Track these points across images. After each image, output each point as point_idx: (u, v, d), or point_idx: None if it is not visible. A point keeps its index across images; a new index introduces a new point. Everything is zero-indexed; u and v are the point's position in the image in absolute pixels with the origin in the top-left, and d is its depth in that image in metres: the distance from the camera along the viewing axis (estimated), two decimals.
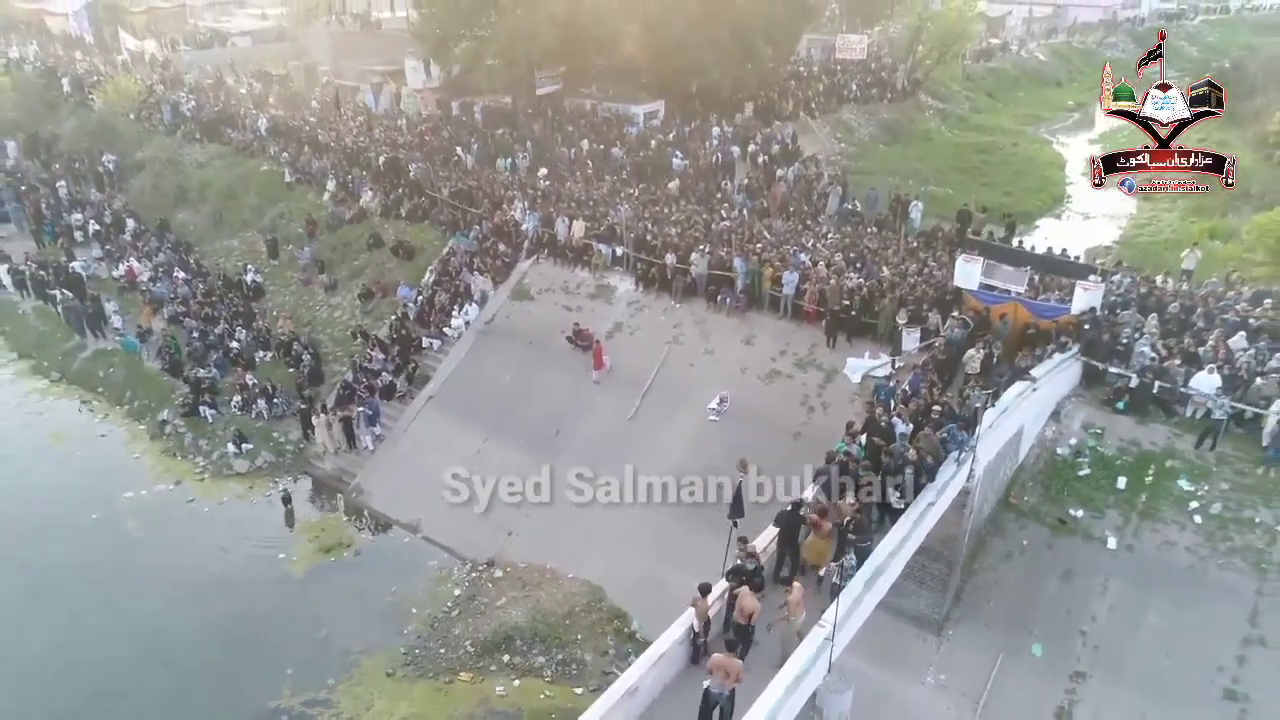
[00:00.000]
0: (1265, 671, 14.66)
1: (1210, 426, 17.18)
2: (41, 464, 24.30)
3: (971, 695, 15.71)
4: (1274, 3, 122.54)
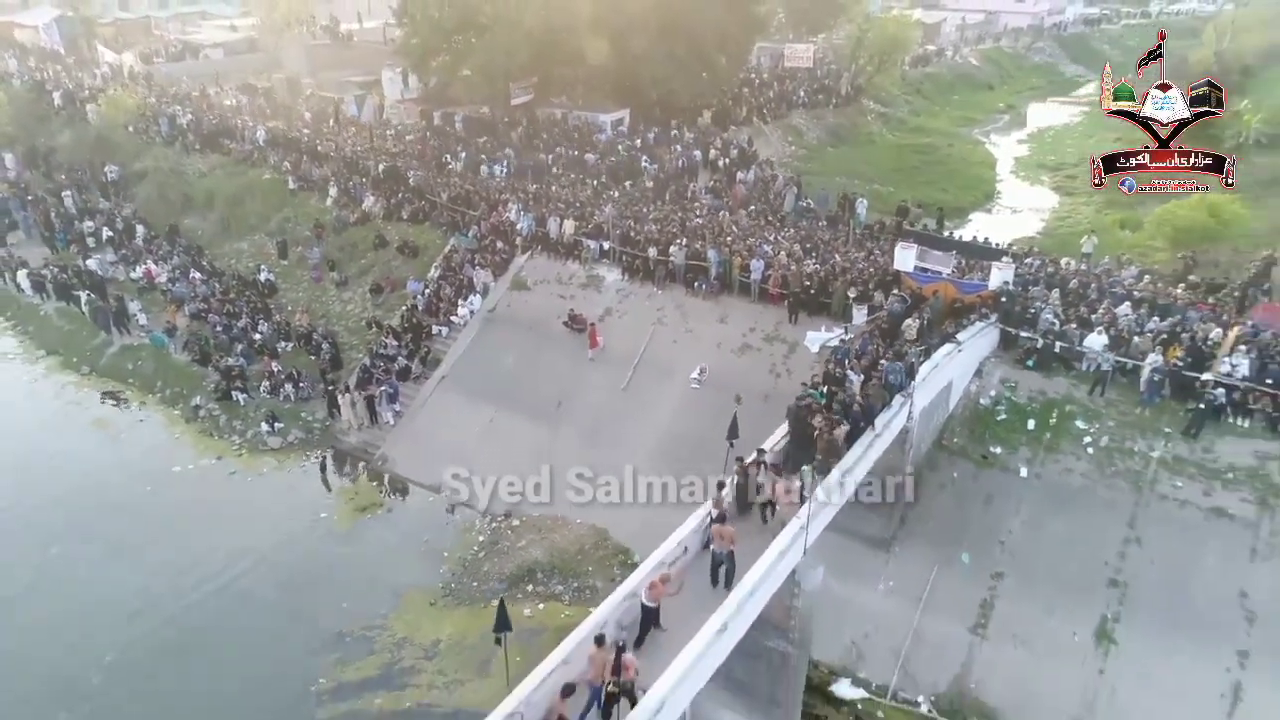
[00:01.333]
0: (1139, 564, 18.66)
1: (1099, 377, 21.24)
2: (90, 446, 26.97)
3: (914, 596, 19.49)
4: (1190, 7, 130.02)
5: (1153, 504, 19.41)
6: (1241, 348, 20.36)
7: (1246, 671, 16.96)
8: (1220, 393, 19.98)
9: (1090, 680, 17.65)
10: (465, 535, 23.15)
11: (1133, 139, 47.55)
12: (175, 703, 18.09)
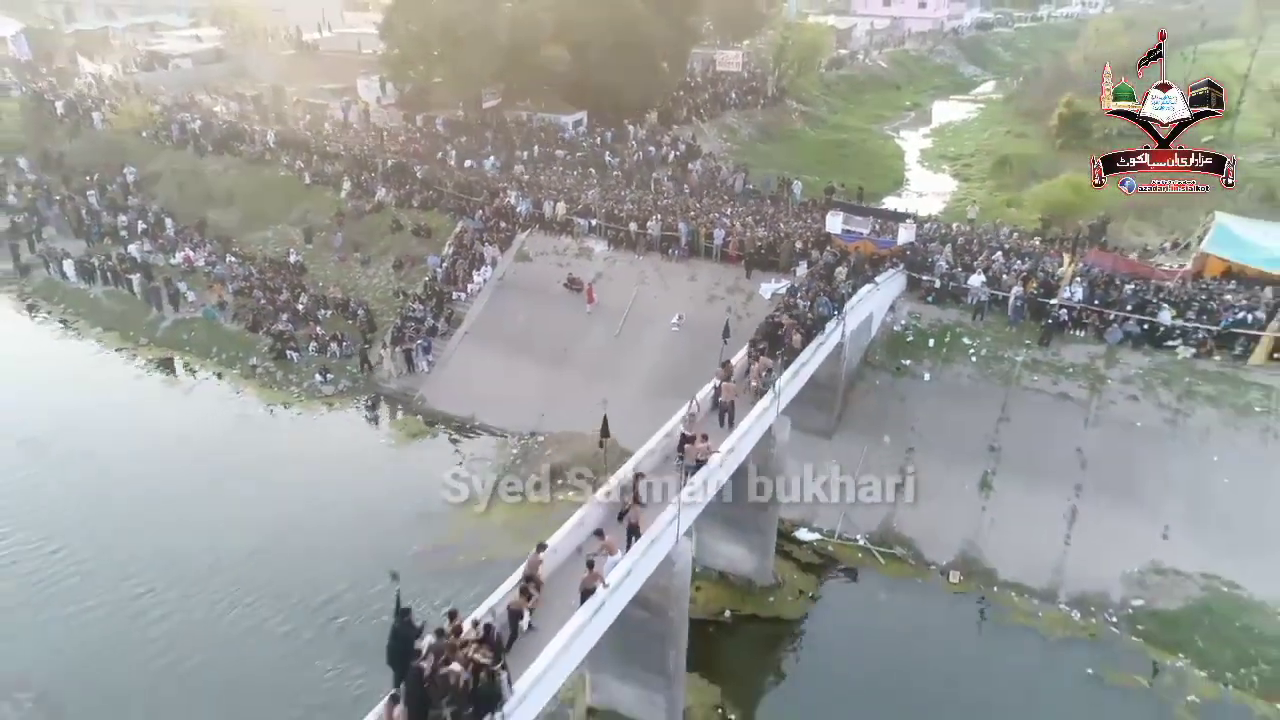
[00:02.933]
0: (1009, 435, 25.90)
1: (979, 307, 28.57)
2: (166, 402, 32.18)
3: (850, 469, 26.34)
4: (1076, 10, 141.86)
5: (1018, 393, 26.78)
6: (1078, 280, 27.90)
7: (1080, 499, 24.29)
8: (1063, 313, 27.48)
9: (976, 515, 24.77)
10: (501, 450, 29.20)
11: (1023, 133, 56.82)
12: (315, 562, 23.54)
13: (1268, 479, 23.75)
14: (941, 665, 21.16)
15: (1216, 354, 26.18)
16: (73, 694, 19.47)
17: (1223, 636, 21.10)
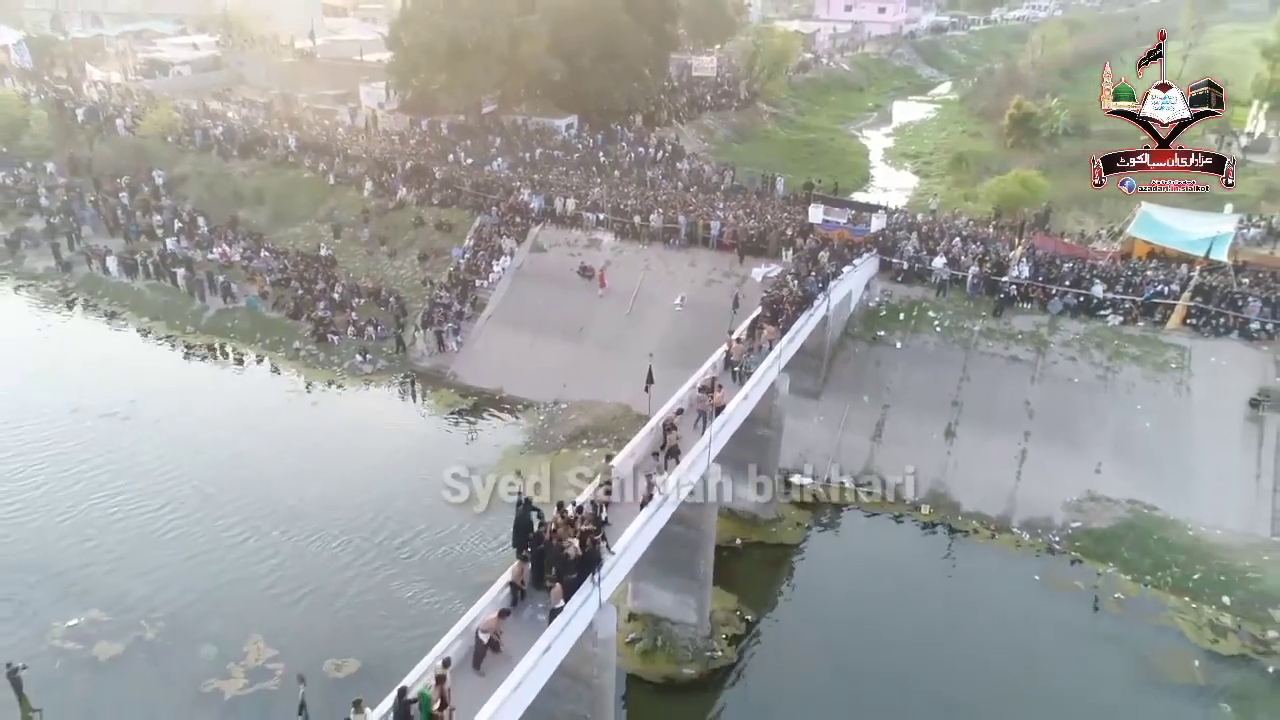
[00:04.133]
0: (968, 392, 30.51)
1: (942, 285, 33.18)
2: (222, 380, 35.77)
3: (835, 424, 30.80)
4: (1025, 14, 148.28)
5: (975, 357, 31.43)
6: (1024, 260, 32.64)
7: (1028, 443, 28.95)
8: (1013, 288, 32.20)
9: (942, 459, 29.33)
10: (528, 415, 33.22)
11: (977, 132, 62.42)
12: (384, 508, 27.21)
13: (1180, 423, 28.62)
14: (916, 576, 25.75)
15: (1140, 321, 31.06)
16: (198, 617, 23.09)
17: (1143, 548, 25.83)
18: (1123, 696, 21.59)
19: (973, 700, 21.32)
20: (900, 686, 21.68)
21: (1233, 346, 29.92)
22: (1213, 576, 24.65)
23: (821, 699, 21.29)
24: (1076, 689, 21.71)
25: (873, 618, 24.08)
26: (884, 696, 21.43)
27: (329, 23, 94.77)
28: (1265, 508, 26.35)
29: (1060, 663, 22.52)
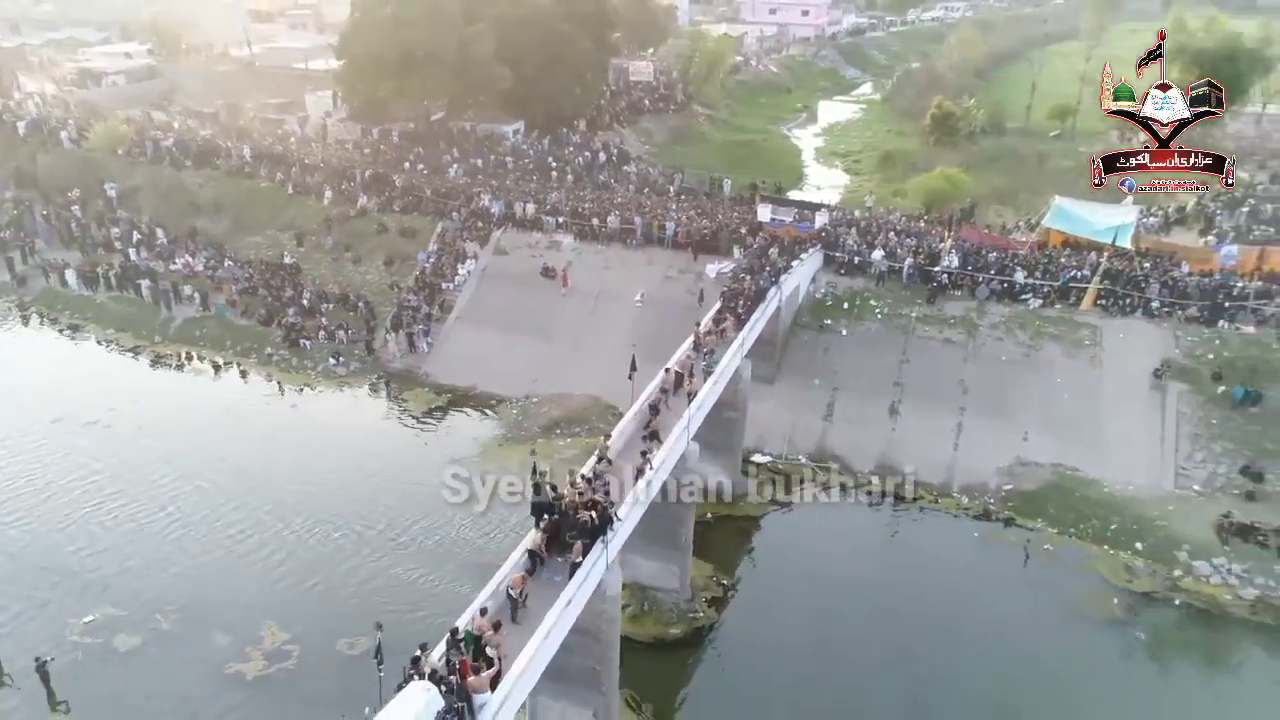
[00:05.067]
0: (909, 373, 33.48)
1: (881, 276, 36.15)
2: (198, 387, 36.71)
3: (790, 405, 33.45)
4: (940, 14, 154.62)
5: (914, 341, 34.44)
6: (954, 251, 35.83)
7: (964, 416, 32.01)
8: (944, 277, 35.33)
9: (887, 434, 32.20)
10: (504, 409, 35.05)
11: (901, 131, 66.53)
12: (375, 499, 28.86)
13: (1094, 393, 32.05)
14: (869, 539, 28.64)
15: (1057, 304, 34.50)
16: (210, 608, 24.42)
17: (1067, 505, 29.04)
18: (1053, 631, 24.68)
19: (922, 639, 24.10)
20: (860, 633, 24.39)
21: (1137, 324, 33.53)
22: (1127, 526, 27.97)
23: (792, 647, 23.78)
24: (1013, 626, 24.76)
25: (832, 577, 26.68)
26: (846, 641, 24.07)
27: (258, 29, 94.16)
28: (1169, 464, 29.86)
29: (999, 605, 25.57)
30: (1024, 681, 22.99)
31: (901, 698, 22.36)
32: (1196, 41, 56.28)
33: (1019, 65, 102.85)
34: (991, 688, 22.72)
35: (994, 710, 22.13)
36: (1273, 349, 31.82)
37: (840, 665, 23.46)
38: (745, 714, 21.94)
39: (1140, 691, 23.12)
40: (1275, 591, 25.70)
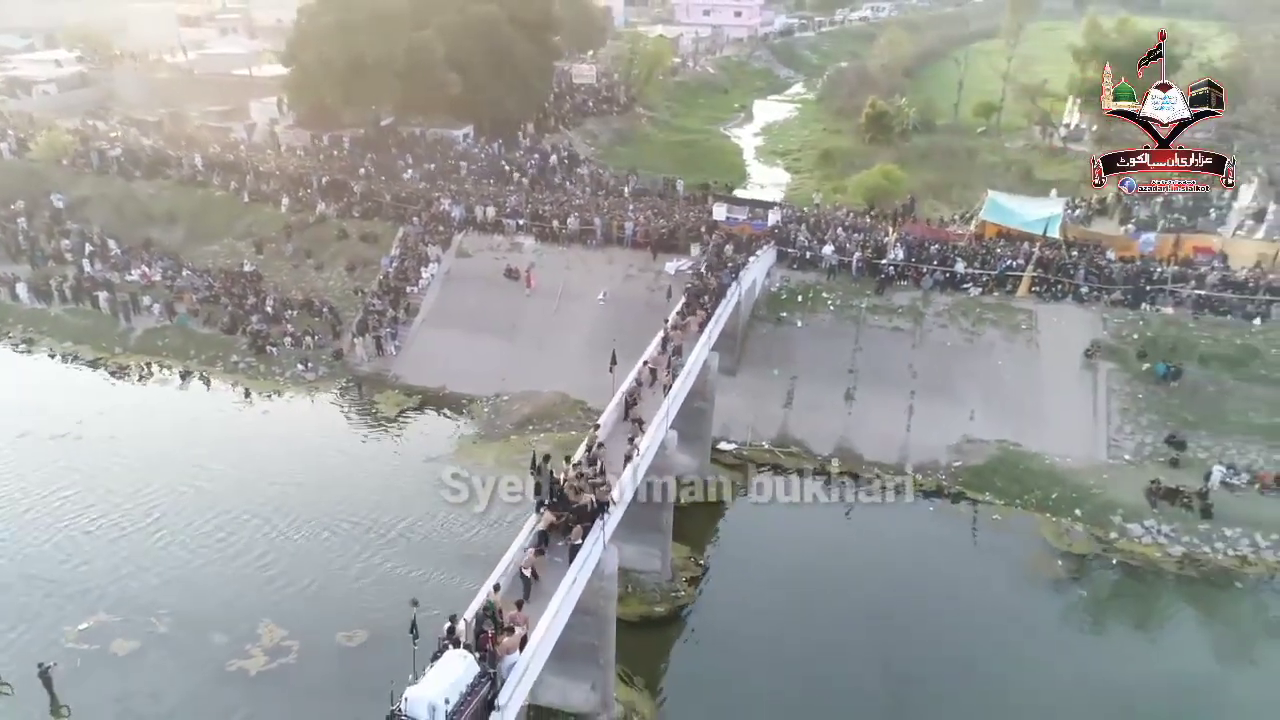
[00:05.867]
0: (861, 360, 35.47)
1: (832, 269, 38.10)
2: (165, 395, 36.76)
3: (751, 395, 35.12)
4: (867, 14, 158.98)
5: (865, 330, 36.46)
6: (899, 245, 37.98)
7: (914, 399, 34.10)
8: (891, 269, 37.45)
9: (844, 418, 34.12)
10: (475, 408, 35.97)
11: (837, 129, 69.21)
12: (355, 498, 29.56)
13: (1032, 373, 34.48)
14: (831, 517, 30.48)
15: (995, 292, 36.88)
16: (204, 610, 24.92)
17: (1011, 477, 31.29)
18: (1003, 590, 26.90)
19: (886, 602, 26.01)
20: (828, 600, 26.13)
21: (1068, 308, 36.10)
22: (1066, 495, 30.32)
23: (768, 617, 25.35)
24: (967, 587, 26.91)
25: (798, 553, 28.37)
26: (816, 609, 25.68)
27: (187, 34, 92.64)
28: (1101, 437, 32.38)
29: (953, 569, 27.70)
30: (980, 635, 25.08)
31: (869, 654, 24.16)
32: (1111, 42, 59.81)
33: (944, 64, 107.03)
34: (950, 641, 24.70)
35: (953, 661, 24.02)
36: (1189, 328, 34.67)
37: (811, 630, 24.96)
38: (729, 679, 23.38)
39: (1083, 641, 25.39)
40: (1199, 548, 28.30)
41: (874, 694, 23.08)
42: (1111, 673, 23.78)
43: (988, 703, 22.88)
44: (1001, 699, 22.97)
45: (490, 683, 14.67)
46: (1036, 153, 66.08)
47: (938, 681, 23.41)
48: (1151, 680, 23.67)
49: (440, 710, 13.50)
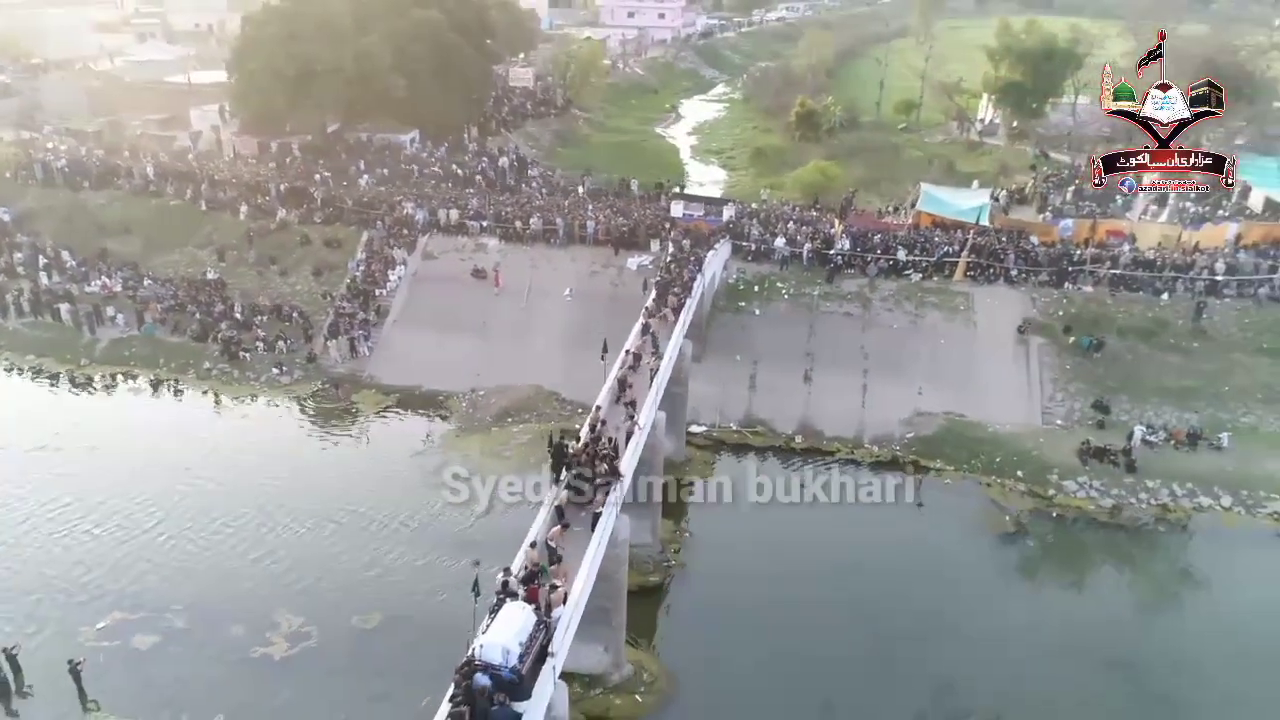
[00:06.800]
0: (816, 344, 38.09)
1: (784, 260, 40.66)
2: (140, 404, 37.07)
3: (718, 381, 37.31)
4: (784, 14, 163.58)
5: (818, 316, 39.14)
6: (845, 236, 40.79)
7: (867, 378, 36.87)
8: (839, 259, 40.21)
9: (805, 398, 36.63)
10: (453, 403, 37.29)
11: (767, 128, 72.55)
12: (349, 492, 30.72)
13: (971, 350, 37.68)
14: (800, 486, 32.63)
15: (934, 276, 39.97)
16: (219, 604, 25.80)
17: (959, 445, 34.25)
18: (960, 543, 29.77)
19: (855, 558, 28.51)
20: (803, 560, 28.30)
21: (1001, 290, 39.46)
22: (1009, 459, 33.42)
23: (751, 579, 27.32)
24: (929, 541, 29.68)
25: (773, 521, 30.58)
26: (792, 568, 27.76)
27: (104, 40, 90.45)
28: (1035, 405, 35.69)
29: (913, 527, 30.50)
30: (942, 583, 27.66)
31: (844, 604, 26.44)
32: (1021, 42, 64.19)
33: (860, 63, 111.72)
34: (915, 590, 27.19)
35: (917, 606, 26.43)
36: (1108, 304, 38.38)
37: (790, 586, 26.75)
38: (721, 636, 25.42)
39: (1031, 585, 28.71)
40: (1125, 499, 31.70)
41: (851, 639, 25.45)
42: (1056, 610, 27.08)
43: (951, 638, 25.46)
44: (962, 636, 25.62)
45: (546, 631, 16.40)
46: (956, 147, 70.42)
47: (906, 623, 25.86)
48: (1089, 614, 27.06)
49: (513, 653, 15.18)
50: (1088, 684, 24.10)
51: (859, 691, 23.98)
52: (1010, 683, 24.14)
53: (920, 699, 23.36)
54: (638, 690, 23.67)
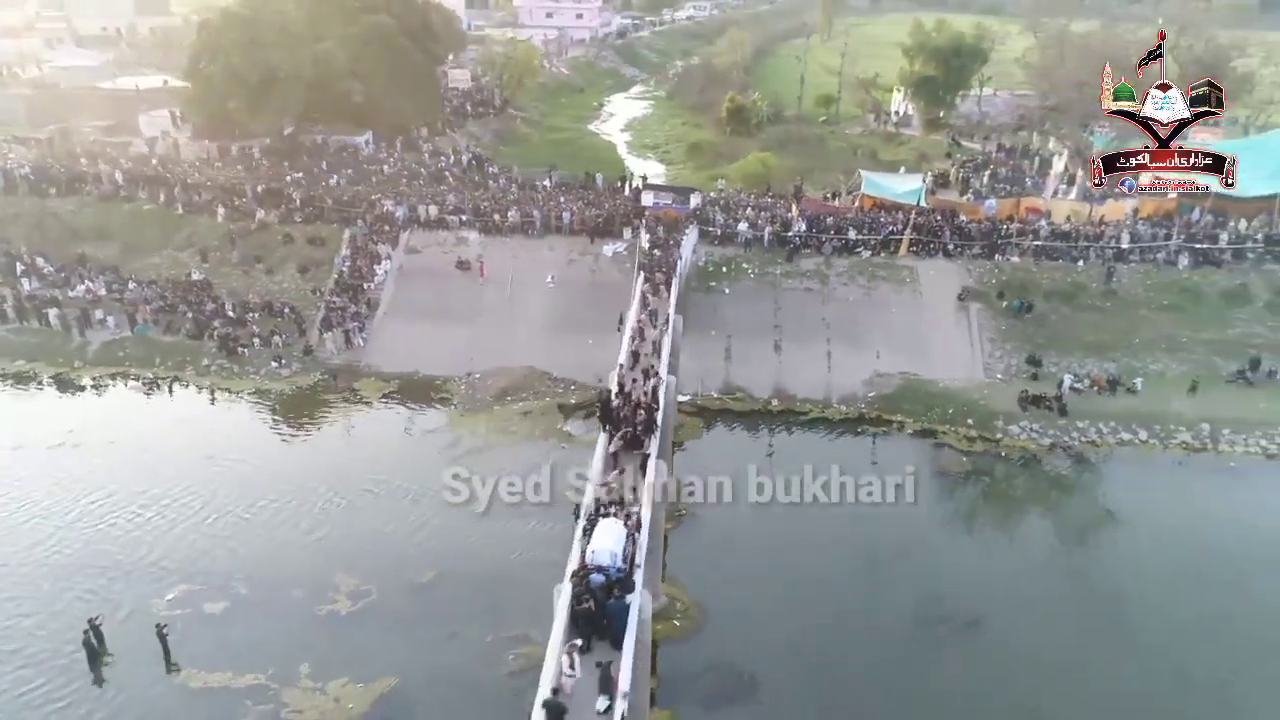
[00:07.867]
0: (783, 317, 41.93)
1: (748, 242, 44.41)
2: (144, 401, 38.20)
3: (697, 354, 40.64)
4: (692, 13, 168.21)
5: (782, 293, 43.01)
6: (800, 219, 44.83)
7: (831, 346, 40.90)
8: (797, 240, 44.23)
9: (777, 367, 40.41)
10: (451, 386, 39.66)
11: (698, 124, 76.65)
12: (371, 467, 32.99)
13: (919, 317, 42.16)
14: (779, 443, 36.55)
15: (881, 253, 44.38)
16: (277, 571, 27.79)
17: (917, 401, 38.55)
18: (923, 482, 33.61)
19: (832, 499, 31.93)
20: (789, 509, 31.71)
21: (940, 263, 44.11)
22: (960, 410, 37.89)
23: (752, 521, 30.69)
24: (900, 483, 33.56)
25: (764, 467, 33.98)
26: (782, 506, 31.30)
27: (20, 46, 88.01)
28: (978, 362, 40.40)
29: (886, 472, 34.20)
30: (914, 519, 31.48)
31: (835, 536, 29.98)
32: (931, 40, 69.81)
33: (773, 60, 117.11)
34: (891, 523, 30.43)
35: (894, 534, 30.27)
36: (1033, 272, 43.48)
37: (784, 522, 29.94)
38: (736, 571, 28.77)
39: (989, 514, 33.01)
40: (1060, 438, 36.50)
41: (842, 565, 29.20)
42: (1013, 535, 31.62)
43: (933, 557, 29.62)
44: (940, 556, 29.80)
45: (634, 543, 19.54)
46: (875, 138, 75.77)
47: (886, 553, 29.79)
48: (1039, 535, 31.81)
49: (618, 555, 18.32)
50: (1053, 588, 28.58)
51: (855, 607, 27.79)
52: (982, 588, 28.40)
53: (908, 602, 27.40)
54: (674, 618, 26.90)
